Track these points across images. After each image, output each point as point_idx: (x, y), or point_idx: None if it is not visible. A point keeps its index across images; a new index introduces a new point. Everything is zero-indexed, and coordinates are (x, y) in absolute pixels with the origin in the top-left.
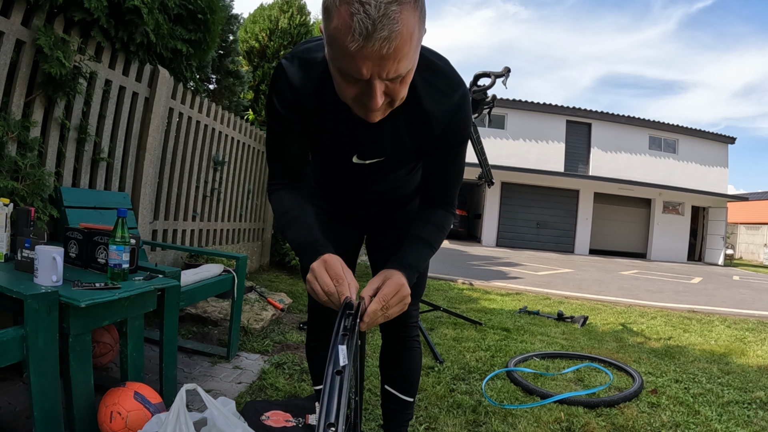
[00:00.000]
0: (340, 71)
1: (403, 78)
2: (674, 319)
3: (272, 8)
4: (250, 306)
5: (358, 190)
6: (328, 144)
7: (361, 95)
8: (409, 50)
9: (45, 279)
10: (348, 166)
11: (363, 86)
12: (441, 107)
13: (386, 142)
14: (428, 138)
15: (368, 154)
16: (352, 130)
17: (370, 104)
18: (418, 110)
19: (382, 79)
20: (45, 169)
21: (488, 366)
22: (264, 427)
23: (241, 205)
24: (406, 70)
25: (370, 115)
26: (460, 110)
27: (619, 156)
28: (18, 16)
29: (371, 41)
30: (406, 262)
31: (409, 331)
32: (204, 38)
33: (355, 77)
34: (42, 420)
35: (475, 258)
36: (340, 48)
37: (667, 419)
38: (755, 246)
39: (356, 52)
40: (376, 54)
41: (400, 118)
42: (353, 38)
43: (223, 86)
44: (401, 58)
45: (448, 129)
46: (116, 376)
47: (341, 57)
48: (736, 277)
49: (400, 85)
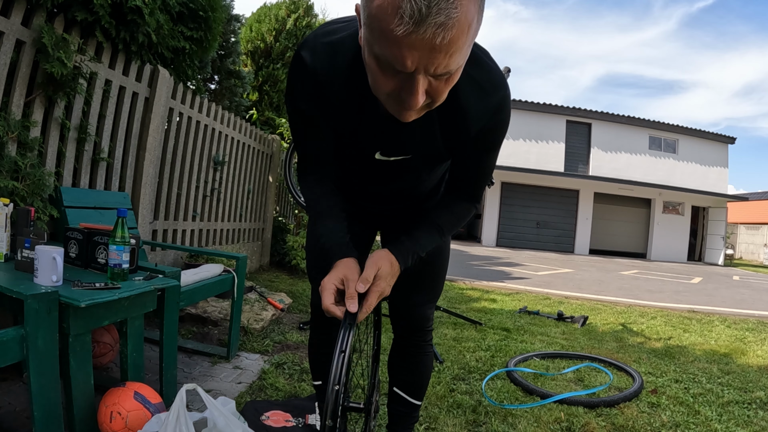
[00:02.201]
0: (378, 60)
1: (450, 76)
2: (674, 319)
3: (279, 8)
4: (250, 306)
5: (377, 187)
6: (350, 137)
7: (399, 90)
8: (464, 43)
9: (45, 279)
10: (369, 162)
11: (403, 80)
12: (479, 106)
13: (415, 139)
14: (461, 138)
15: (393, 151)
16: (378, 124)
17: (409, 102)
18: (454, 107)
19: (428, 75)
20: (45, 169)
21: (488, 366)
22: (264, 427)
23: (241, 205)
24: (456, 66)
25: (404, 114)
26: (500, 113)
27: (619, 156)
28: (18, 16)
29: (423, 27)
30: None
31: (424, 336)
32: (205, 36)
33: (395, 68)
34: (42, 420)
35: (475, 258)
36: (383, 32)
37: (667, 419)
38: (755, 246)
39: (403, 39)
40: (427, 43)
41: (434, 114)
42: (401, 21)
43: (224, 86)
44: (454, 52)
45: (485, 131)
46: (116, 376)
47: (383, 43)
48: (736, 277)
49: (445, 84)
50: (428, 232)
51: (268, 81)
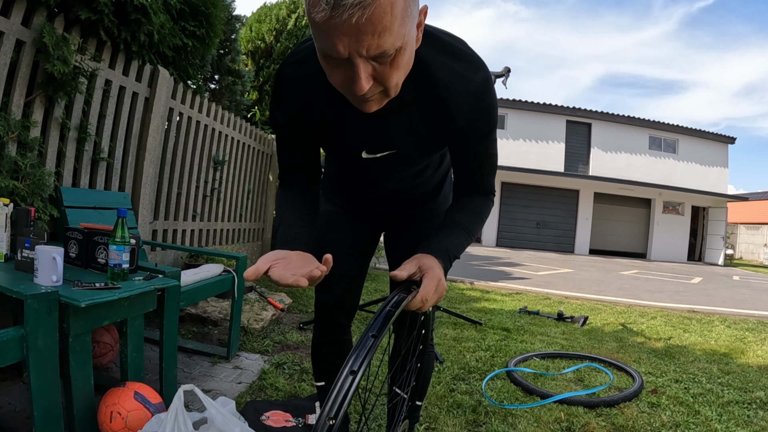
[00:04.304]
0: (322, 53)
1: (393, 59)
2: (674, 319)
3: (279, 7)
4: (250, 306)
5: (371, 187)
6: (337, 140)
7: (348, 80)
8: (391, 23)
9: (45, 279)
10: (358, 162)
11: (347, 69)
12: (461, 93)
13: (398, 134)
14: (449, 127)
15: (377, 148)
16: (360, 124)
17: (354, 89)
18: (434, 97)
19: (365, 58)
20: (45, 169)
21: (488, 366)
22: (264, 427)
23: (241, 205)
24: (392, 47)
25: (363, 105)
26: (484, 96)
27: (619, 156)
28: (18, 16)
29: (339, 10)
30: (442, 247)
31: (426, 336)
32: (207, 33)
33: (334, 57)
34: (42, 420)
35: (475, 258)
36: (313, 23)
37: (667, 419)
38: (755, 246)
39: (326, 25)
40: (349, 25)
41: (414, 107)
42: (320, 7)
43: (224, 86)
44: (381, 32)
45: (472, 118)
46: (116, 376)
47: (316, 34)
48: (736, 277)
49: (390, 68)
50: (452, 233)
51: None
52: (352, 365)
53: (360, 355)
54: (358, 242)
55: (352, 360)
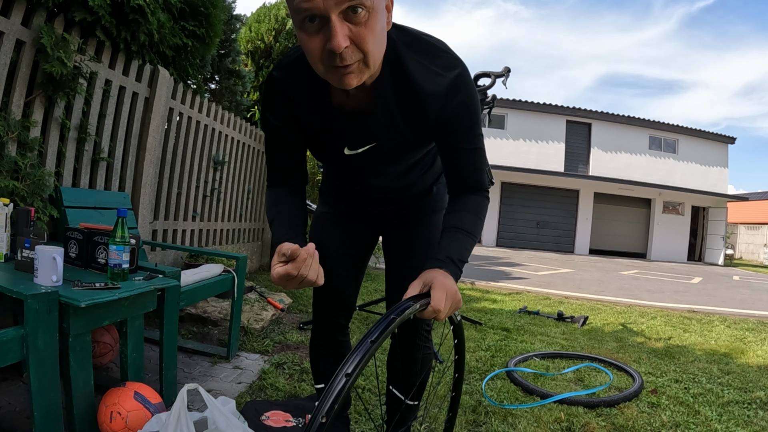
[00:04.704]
0: (301, 27)
1: (367, 21)
2: (674, 319)
3: (278, 8)
4: (250, 306)
5: (359, 186)
6: (322, 139)
7: (326, 50)
8: None
9: (45, 279)
10: (343, 159)
11: (324, 33)
12: (435, 88)
13: (377, 127)
14: (424, 121)
15: (358, 143)
16: (341, 121)
17: (332, 45)
18: (409, 91)
19: (342, 17)
20: (45, 169)
21: (488, 366)
22: (264, 427)
23: (241, 205)
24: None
25: (344, 79)
26: (459, 91)
27: (619, 156)
28: (18, 16)
29: None
30: (443, 255)
31: (422, 337)
32: (207, 33)
33: (312, 15)
34: (42, 420)
35: (475, 258)
36: None
37: (667, 419)
38: (755, 246)
39: None
40: None
41: (390, 100)
42: None
43: (224, 86)
44: None
45: (449, 113)
46: (116, 376)
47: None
48: (736, 277)
49: (366, 29)
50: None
51: None
52: (348, 368)
53: (356, 359)
54: (355, 242)
55: (348, 363)
